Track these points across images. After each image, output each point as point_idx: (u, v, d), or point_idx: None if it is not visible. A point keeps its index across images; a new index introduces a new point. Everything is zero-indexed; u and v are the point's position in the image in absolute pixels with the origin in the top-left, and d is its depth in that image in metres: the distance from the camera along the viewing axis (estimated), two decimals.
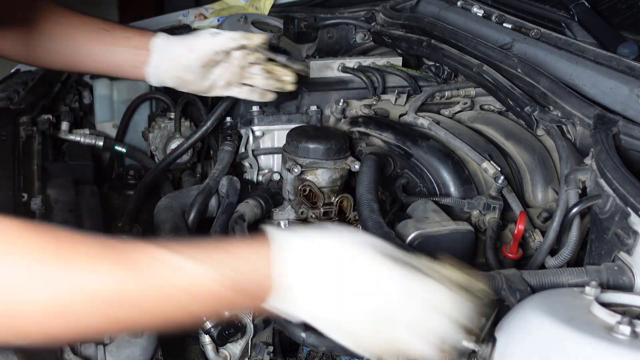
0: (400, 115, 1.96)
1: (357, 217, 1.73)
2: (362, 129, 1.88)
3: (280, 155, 1.98)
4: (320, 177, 1.73)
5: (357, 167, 1.72)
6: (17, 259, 0.87)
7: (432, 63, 2.20)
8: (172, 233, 1.67)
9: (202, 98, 2.20)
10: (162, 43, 1.71)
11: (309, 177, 1.74)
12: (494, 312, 1.21)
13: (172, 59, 1.70)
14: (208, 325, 1.58)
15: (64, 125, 2.22)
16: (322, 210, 1.75)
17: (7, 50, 1.73)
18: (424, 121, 1.86)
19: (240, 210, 1.69)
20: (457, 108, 1.99)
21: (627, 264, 1.32)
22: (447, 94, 2.02)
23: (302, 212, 1.76)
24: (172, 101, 2.35)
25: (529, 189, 1.75)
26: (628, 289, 1.30)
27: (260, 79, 1.82)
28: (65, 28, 1.70)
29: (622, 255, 1.33)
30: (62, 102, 2.41)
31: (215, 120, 1.97)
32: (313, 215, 1.75)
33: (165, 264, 0.94)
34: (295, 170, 1.71)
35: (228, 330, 1.58)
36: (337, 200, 1.76)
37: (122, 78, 1.86)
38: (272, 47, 2.33)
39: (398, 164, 1.78)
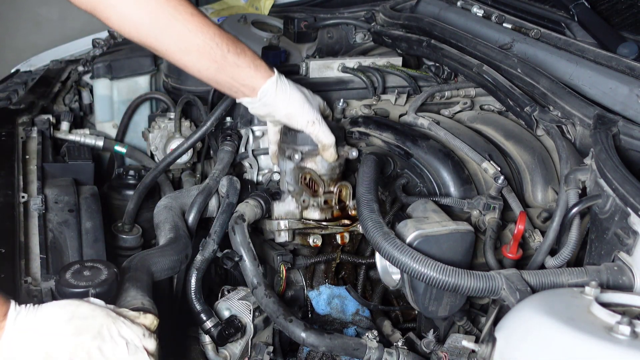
0: (400, 115, 1.96)
1: (356, 206, 1.74)
2: (362, 129, 1.88)
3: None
4: (320, 164, 1.75)
5: (354, 154, 1.75)
6: None
7: (432, 63, 2.21)
8: (172, 233, 1.67)
9: (202, 98, 2.21)
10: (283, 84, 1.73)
11: (309, 165, 1.75)
12: (494, 312, 1.22)
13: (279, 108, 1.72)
14: (208, 325, 1.58)
15: (64, 125, 2.22)
16: (322, 198, 1.77)
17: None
18: (424, 121, 1.87)
19: (240, 210, 1.69)
20: (457, 108, 2.00)
21: (626, 264, 1.32)
22: (447, 94, 2.02)
23: (303, 201, 1.77)
24: (172, 101, 2.36)
25: (529, 189, 1.75)
26: (628, 289, 1.30)
27: None
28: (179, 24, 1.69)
29: (622, 255, 1.33)
30: (62, 102, 2.41)
31: (215, 120, 1.97)
32: (315, 204, 1.77)
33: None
34: (296, 157, 1.74)
35: (228, 330, 1.58)
36: (337, 189, 1.78)
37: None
38: (272, 47, 2.34)
39: (398, 164, 1.78)
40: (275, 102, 1.70)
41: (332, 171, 1.77)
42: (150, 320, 1.27)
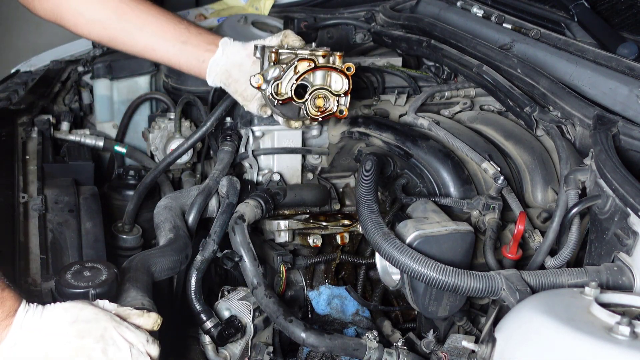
0: (400, 116, 1.96)
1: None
2: (362, 129, 1.88)
3: (280, 156, 1.99)
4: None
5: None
6: None
7: (432, 63, 2.21)
8: (172, 233, 1.67)
9: (202, 98, 2.20)
10: (226, 41, 1.82)
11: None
12: (493, 312, 1.22)
13: (229, 55, 1.80)
14: (208, 325, 1.58)
15: (64, 126, 2.22)
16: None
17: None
18: (423, 121, 1.87)
19: (240, 210, 1.69)
20: (457, 108, 2.00)
21: (626, 264, 1.32)
22: (446, 94, 2.02)
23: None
24: (172, 101, 2.36)
25: (529, 189, 1.75)
26: (627, 289, 1.30)
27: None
28: (143, 14, 1.83)
29: (622, 255, 1.33)
30: (62, 102, 2.41)
31: (215, 121, 1.97)
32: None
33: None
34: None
35: (228, 331, 1.58)
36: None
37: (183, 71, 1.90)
38: None
39: (398, 164, 1.78)
40: (234, 49, 1.80)
41: None
42: (154, 319, 1.27)
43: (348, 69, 1.68)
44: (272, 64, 1.69)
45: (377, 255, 1.59)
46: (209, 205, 1.80)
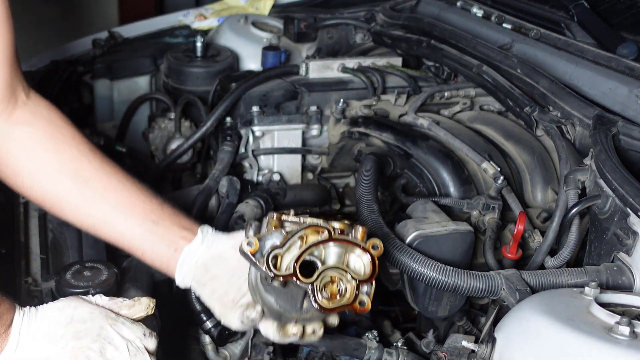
0: (400, 116, 1.96)
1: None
2: (362, 130, 1.88)
3: (280, 156, 1.99)
4: None
5: None
6: None
7: (432, 63, 2.21)
8: None
9: (202, 98, 2.21)
10: (207, 229, 1.42)
11: None
12: (493, 312, 1.22)
13: (209, 245, 1.40)
14: (208, 325, 1.58)
15: None
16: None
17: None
18: (423, 121, 1.87)
19: (240, 210, 1.69)
20: (456, 108, 2.00)
21: (626, 264, 1.32)
22: (446, 94, 2.02)
23: None
24: (172, 101, 2.36)
25: (529, 189, 1.76)
26: (627, 289, 1.30)
27: None
28: (107, 176, 1.42)
29: (622, 255, 1.33)
30: (63, 102, 2.41)
31: (215, 121, 1.97)
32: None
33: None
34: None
35: (228, 331, 1.58)
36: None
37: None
38: (272, 47, 2.34)
39: (398, 164, 1.78)
40: (216, 239, 1.40)
41: None
42: (146, 303, 1.25)
43: (374, 247, 1.23)
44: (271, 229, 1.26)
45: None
46: (209, 205, 1.80)
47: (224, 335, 1.58)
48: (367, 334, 1.56)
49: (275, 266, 1.19)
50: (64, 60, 2.60)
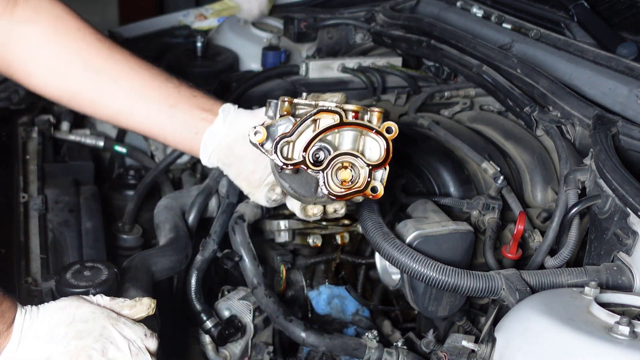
0: (400, 116, 1.96)
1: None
2: None
3: None
4: None
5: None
6: None
7: (432, 63, 2.21)
8: (172, 233, 1.67)
9: None
10: (228, 108, 1.40)
11: None
12: (493, 312, 1.22)
13: (232, 124, 1.37)
14: (208, 325, 1.58)
15: (64, 126, 2.22)
16: None
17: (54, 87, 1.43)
18: (423, 121, 1.87)
19: (240, 210, 1.69)
20: (456, 108, 2.00)
21: (626, 264, 1.32)
22: (446, 94, 2.02)
23: None
24: None
25: (529, 189, 1.76)
26: (627, 289, 1.30)
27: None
28: (118, 64, 1.40)
29: (621, 255, 1.33)
30: None
31: None
32: None
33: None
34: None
35: (228, 330, 1.58)
36: None
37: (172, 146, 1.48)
38: (272, 47, 2.34)
39: (398, 164, 1.78)
40: (239, 118, 1.38)
41: None
42: (147, 303, 1.25)
43: (388, 129, 1.19)
44: (281, 116, 1.23)
45: (377, 255, 1.60)
46: (209, 205, 1.80)
47: (224, 335, 1.58)
48: (367, 334, 1.56)
49: (286, 154, 1.16)
50: None
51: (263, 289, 1.59)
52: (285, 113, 1.20)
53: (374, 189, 1.19)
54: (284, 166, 1.16)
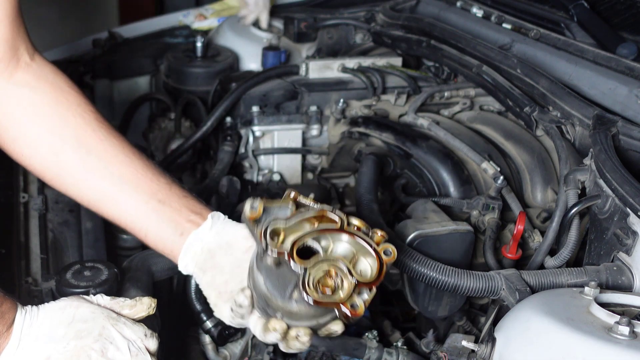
0: (400, 116, 1.96)
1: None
2: (361, 130, 1.88)
3: (280, 156, 1.99)
4: None
5: None
6: None
7: (432, 63, 2.21)
8: None
9: (202, 98, 2.21)
10: (218, 215, 1.33)
11: None
12: (493, 312, 1.22)
13: (219, 231, 1.31)
14: (208, 325, 1.58)
15: None
16: None
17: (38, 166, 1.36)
18: (423, 121, 1.87)
19: (240, 210, 1.69)
20: (456, 108, 2.00)
21: (626, 264, 1.32)
22: (446, 94, 2.02)
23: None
24: (172, 101, 2.36)
25: (529, 189, 1.76)
26: (627, 289, 1.30)
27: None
28: (113, 149, 1.33)
29: (621, 255, 1.33)
30: None
31: (215, 121, 1.97)
32: None
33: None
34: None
35: (228, 330, 1.58)
36: None
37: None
38: (272, 47, 2.34)
39: (398, 164, 1.78)
40: (226, 227, 1.30)
41: None
42: (147, 303, 1.24)
43: (386, 252, 1.10)
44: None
45: None
46: None
47: (224, 335, 1.58)
48: (367, 334, 1.56)
49: (274, 240, 1.07)
50: (65, 60, 2.61)
51: None
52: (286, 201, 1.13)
53: (354, 306, 1.07)
54: (268, 251, 1.06)
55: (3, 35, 1.29)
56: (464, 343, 1.20)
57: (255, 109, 1.99)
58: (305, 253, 1.08)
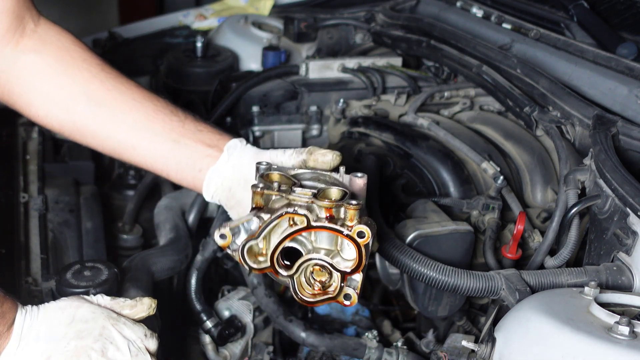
0: (400, 116, 1.96)
1: None
2: (361, 130, 1.88)
3: None
4: None
5: None
6: None
7: (432, 63, 2.21)
8: (172, 233, 1.67)
9: (202, 98, 2.21)
10: (235, 144, 1.36)
11: None
12: (493, 312, 1.22)
13: (235, 164, 1.33)
14: (209, 325, 1.58)
15: None
16: None
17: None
18: (423, 121, 1.87)
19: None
20: (456, 108, 2.00)
21: (626, 264, 1.32)
22: (446, 94, 2.02)
23: None
24: (172, 101, 2.35)
25: (529, 189, 1.76)
26: (627, 289, 1.30)
27: None
28: (123, 96, 1.38)
29: (621, 255, 1.33)
30: None
31: (215, 121, 1.97)
32: None
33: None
34: None
35: (228, 330, 1.59)
36: None
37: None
38: (272, 47, 2.33)
39: (398, 164, 1.78)
40: (243, 157, 1.33)
41: None
42: (148, 303, 1.24)
43: (360, 234, 1.07)
44: (252, 208, 1.14)
45: (377, 255, 1.60)
46: (209, 205, 1.80)
47: (224, 335, 1.58)
48: (367, 334, 1.56)
49: (257, 252, 1.10)
50: None
51: (263, 288, 1.59)
52: (256, 205, 1.13)
53: (347, 297, 1.10)
54: (251, 270, 1.11)
55: (9, 7, 1.33)
56: (464, 343, 1.20)
57: (255, 109, 1.99)
58: (289, 254, 1.10)
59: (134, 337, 1.19)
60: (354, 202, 1.08)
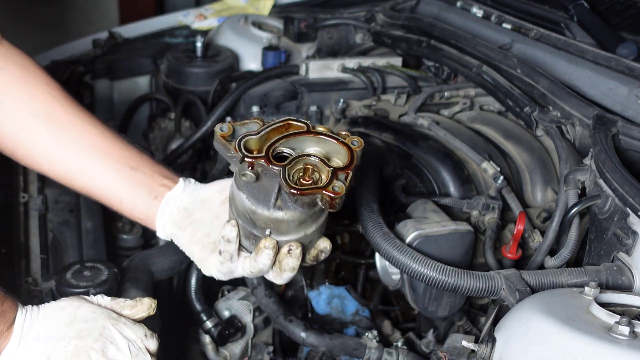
0: (400, 116, 1.96)
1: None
2: (361, 130, 1.88)
3: None
4: None
5: None
6: None
7: (432, 63, 2.21)
8: None
9: (202, 98, 2.21)
10: (189, 179, 1.39)
11: None
12: (493, 312, 1.22)
13: (192, 191, 1.36)
14: (208, 325, 1.58)
15: None
16: None
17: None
18: (423, 121, 1.87)
19: None
20: (456, 108, 2.00)
21: (626, 264, 1.32)
22: (446, 94, 2.02)
23: None
24: (172, 101, 2.36)
25: (529, 189, 1.76)
26: (627, 289, 1.30)
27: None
28: (83, 122, 1.37)
29: (621, 255, 1.33)
30: None
31: (215, 121, 1.97)
32: None
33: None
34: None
35: (228, 330, 1.58)
36: None
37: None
38: (272, 47, 2.34)
39: (398, 164, 1.78)
40: (199, 187, 1.36)
41: None
42: (148, 303, 1.24)
43: (353, 142, 1.19)
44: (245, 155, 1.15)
45: (377, 255, 1.60)
46: None
47: (224, 335, 1.58)
48: (367, 334, 1.56)
49: (247, 148, 1.12)
50: (65, 60, 2.61)
51: (263, 289, 1.59)
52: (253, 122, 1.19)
53: (335, 188, 1.13)
54: (245, 159, 1.11)
55: None
56: (464, 343, 1.20)
57: (255, 109, 1.99)
58: (280, 160, 1.14)
59: (134, 337, 1.19)
60: (345, 132, 1.20)
